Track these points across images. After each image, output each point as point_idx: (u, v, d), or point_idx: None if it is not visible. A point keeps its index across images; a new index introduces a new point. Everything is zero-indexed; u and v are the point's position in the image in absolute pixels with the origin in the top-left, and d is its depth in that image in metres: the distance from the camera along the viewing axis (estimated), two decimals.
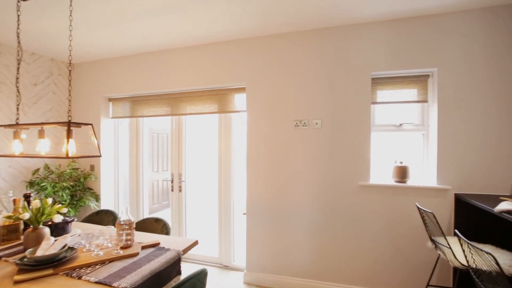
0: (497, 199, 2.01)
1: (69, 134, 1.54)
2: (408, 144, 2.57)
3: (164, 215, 3.75)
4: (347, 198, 2.53)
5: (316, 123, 2.60)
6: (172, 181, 3.42)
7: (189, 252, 2.53)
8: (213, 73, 2.96)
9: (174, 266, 1.62)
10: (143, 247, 1.70)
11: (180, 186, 3.39)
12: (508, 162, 2.19)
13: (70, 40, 1.87)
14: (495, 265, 1.24)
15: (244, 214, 2.87)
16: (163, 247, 1.72)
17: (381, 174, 2.61)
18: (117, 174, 3.66)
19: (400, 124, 2.52)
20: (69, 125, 1.56)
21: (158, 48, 3.12)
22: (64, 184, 3.18)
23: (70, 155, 1.53)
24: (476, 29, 2.25)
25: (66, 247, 1.53)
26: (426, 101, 2.42)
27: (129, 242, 1.66)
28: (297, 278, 2.68)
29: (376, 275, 2.48)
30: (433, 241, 2.00)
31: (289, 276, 2.70)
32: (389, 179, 2.53)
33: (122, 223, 1.65)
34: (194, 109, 3.12)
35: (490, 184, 2.23)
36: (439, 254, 1.96)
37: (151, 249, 1.69)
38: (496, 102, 2.21)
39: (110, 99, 3.55)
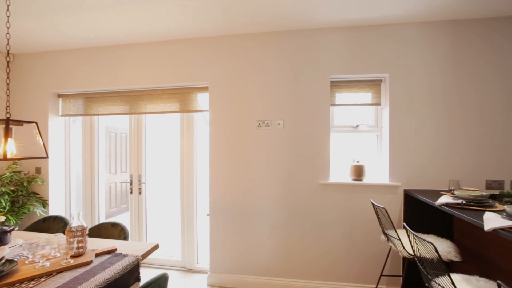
0: (438, 194, 2.23)
1: (7, 133, 1.38)
2: (364, 144, 2.74)
3: (123, 219, 3.54)
4: (308, 196, 2.63)
5: (279, 124, 2.65)
6: (131, 183, 3.24)
7: (150, 256, 2.43)
8: (175, 71, 2.87)
9: (132, 273, 1.54)
10: (98, 255, 1.59)
11: (139, 188, 3.23)
12: (447, 161, 2.45)
13: (8, 28, 1.68)
14: (435, 253, 1.38)
15: (208, 215, 2.83)
16: (120, 253, 1.63)
17: (339, 173, 2.75)
18: (69, 176, 3.37)
19: (357, 126, 2.68)
20: (8, 123, 1.40)
21: (116, 42, 2.93)
22: (3, 189, 2.85)
23: (8, 156, 1.38)
24: (422, 40, 2.48)
25: (3, 260, 1.37)
26: (379, 104, 2.61)
27: (81, 250, 1.54)
28: (261, 277, 2.71)
29: (335, 269, 2.61)
30: (385, 234, 2.15)
31: (254, 276, 2.72)
32: (347, 178, 2.67)
33: (73, 229, 1.53)
34: (154, 108, 3.00)
35: (433, 180, 2.47)
36: (391, 246, 2.12)
37: (107, 256, 1.58)
38: (438, 106, 2.46)
39: (59, 95, 3.25)
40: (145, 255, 1.67)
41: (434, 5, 2.20)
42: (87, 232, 1.59)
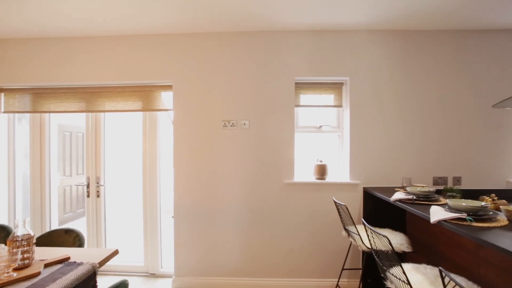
0: (393, 190, 2.40)
1: None
2: (327, 144, 2.85)
3: (79, 225, 3.30)
4: (274, 196, 2.67)
5: (244, 124, 2.66)
6: (88, 186, 3.03)
7: (110, 263, 2.28)
8: (137, 68, 2.74)
9: (87, 282, 1.43)
10: (47, 265, 1.45)
11: (98, 191, 3.03)
12: (401, 159, 2.65)
13: None
14: (389, 245, 1.48)
15: (173, 217, 2.74)
16: (74, 262, 1.51)
17: (304, 172, 2.83)
18: (13, 180, 3.05)
19: (320, 126, 2.78)
20: None
21: (72, 34, 2.72)
22: None
23: None
24: (378, 47, 2.65)
25: None
26: (341, 106, 2.73)
27: (26, 262, 1.40)
28: (228, 278, 2.69)
29: (300, 265, 2.68)
30: (346, 230, 2.26)
31: (221, 277, 2.70)
32: (311, 177, 2.76)
33: (17, 239, 1.38)
34: (114, 106, 2.83)
35: (389, 177, 2.65)
36: (351, 241, 2.23)
37: (58, 266, 1.46)
38: (393, 109, 2.64)
39: (1, 89, 2.93)
40: (103, 262, 1.56)
41: (388, 16, 2.36)
42: (34, 241, 1.45)
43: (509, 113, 2.65)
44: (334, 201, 2.25)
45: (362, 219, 1.77)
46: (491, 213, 1.61)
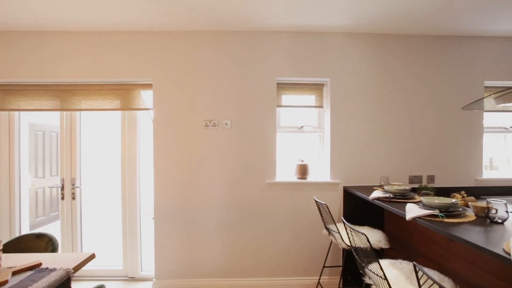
0: (372, 189, 2.47)
1: None
2: (308, 144, 2.89)
3: (53, 229, 3.15)
4: (255, 195, 2.67)
5: (226, 124, 2.65)
6: (62, 188, 2.90)
7: (87, 268, 2.20)
8: (115, 65, 2.65)
9: None
10: (15, 272, 1.37)
11: (73, 193, 2.90)
12: (379, 159, 2.73)
13: None
14: (367, 243, 1.53)
15: (154, 219, 2.68)
16: (46, 268, 1.44)
17: (285, 172, 2.86)
18: None
19: (301, 126, 2.82)
20: None
21: (42, 28, 2.59)
22: None
23: None
24: (357, 49, 2.72)
25: None
26: (321, 107, 2.78)
27: None
28: (210, 279, 2.67)
29: (283, 264, 2.70)
30: (327, 228, 2.31)
31: (202, 278, 2.67)
32: (293, 176, 2.79)
33: None
34: (91, 104, 2.73)
35: (368, 176, 2.72)
36: (332, 239, 2.28)
37: (28, 273, 1.38)
38: (371, 110, 2.72)
39: None
40: (78, 267, 1.50)
41: (365, 20, 2.43)
42: (0, 247, 1.37)
43: (477, 115, 2.81)
44: (315, 200, 2.29)
45: (342, 218, 1.81)
46: (461, 209, 1.70)
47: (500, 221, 1.52)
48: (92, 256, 1.64)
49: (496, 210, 1.52)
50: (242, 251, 2.68)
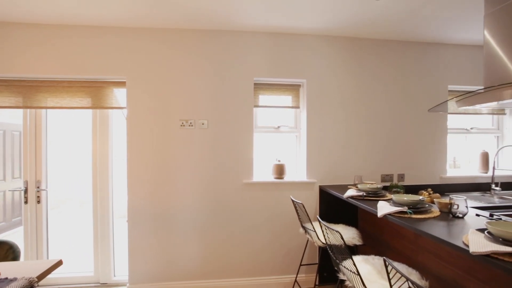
0: (346, 188, 2.55)
1: None
2: (285, 144, 2.93)
3: (16, 235, 2.94)
4: (232, 196, 2.66)
5: (203, 124, 2.62)
6: (26, 191, 2.72)
7: (54, 276, 2.09)
8: (86, 62, 2.53)
9: None
10: None
11: (38, 197, 2.73)
12: (353, 158, 2.82)
13: None
14: (341, 240, 1.57)
15: (127, 221, 2.58)
16: (5, 278, 1.34)
17: (263, 172, 2.87)
18: None
19: (278, 127, 2.85)
20: None
21: (5, 18, 2.41)
22: None
23: None
24: (333, 51, 2.79)
25: None
26: (298, 107, 2.83)
27: None
28: (186, 281, 2.62)
29: (260, 263, 2.71)
30: (303, 227, 2.34)
31: (178, 281, 2.61)
32: (270, 176, 2.81)
33: None
34: (59, 102, 2.58)
35: (343, 176, 2.80)
36: (308, 238, 2.32)
37: None
38: (346, 111, 2.81)
39: None
40: (43, 276, 1.41)
41: (340, 23, 2.50)
42: None
43: (442, 117, 2.99)
44: (292, 200, 2.32)
45: (317, 216, 1.85)
46: (427, 205, 1.80)
47: (461, 215, 1.63)
48: (59, 263, 1.54)
49: (458, 205, 1.62)
50: (219, 251, 2.66)
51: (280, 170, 2.73)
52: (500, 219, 1.63)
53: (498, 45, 1.63)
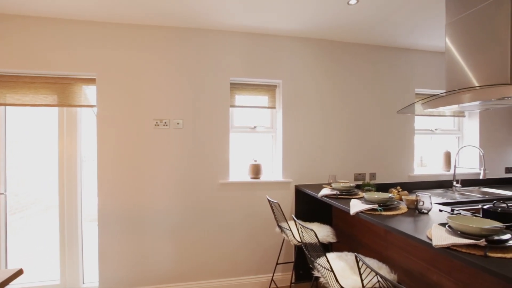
0: (321, 187, 2.61)
1: None
2: (261, 144, 2.94)
3: None
4: (208, 196, 2.63)
5: (178, 123, 2.56)
6: None
7: (13, 287, 1.93)
8: (51, 56, 2.38)
9: None
10: None
11: None
12: (328, 158, 2.90)
13: None
14: (315, 238, 1.60)
15: (98, 224, 2.46)
16: None
17: (239, 172, 2.86)
18: None
19: (254, 127, 2.86)
20: None
21: None
22: None
23: None
24: (308, 53, 2.84)
25: None
26: (274, 107, 2.85)
27: None
28: (161, 285, 2.55)
29: (237, 264, 2.70)
30: (279, 226, 2.37)
31: (153, 285, 2.53)
32: (246, 176, 2.81)
33: None
34: (20, 99, 2.41)
35: (318, 175, 2.87)
36: (284, 237, 2.34)
37: None
38: (321, 111, 2.88)
39: None
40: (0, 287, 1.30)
41: (315, 26, 2.56)
42: None
43: (410, 118, 3.15)
44: (268, 199, 2.34)
45: (292, 215, 1.88)
46: (396, 202, 1.89)
47: (426, 211, 1.73)
48: (19, 272, 1.44)
49: (423, 202, 1.72)
50: (195, 253, 2.62)
51: (256, 170, 2.74)
52: (460, 213, 1.75)
53: (458, 52, 1.75)
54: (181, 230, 2.59)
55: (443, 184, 3.24)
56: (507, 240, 1.16)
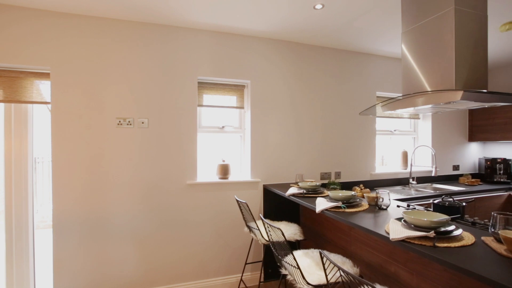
0: (289, 186, 2.66)
1: None
2: (230, 144, 2.92)
3: None
4: (175, 198, 2.56)
5: (143, 122, 2.46)
6: None
7: None
8: None
9: None
10: None
11: None
12: (295, 157, 2.96)
13: None
14: (282, 236, 1.63)
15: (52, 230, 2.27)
16: None
17: (208, 172, 2.82)
18: None
19: (223, 127, 2.83)
20: None
21: None
22: None
23: None
24: (276, 55, 2.89)
25: None
26: (243, 108, 2.86)
27: None
28: None
29: (205, 266, 2.65)
30: (248, 226, 2.37)
31: None
32: (214, 177, 2.78)
33: None
34: None
35: (286, 175, 2.92)
36: (252, 236, 2.35)
37: None
38: (289, 112, 2.93)
39: None
40: None
41: (284, 28, 2.60)
42: None
43: (371, 120, 3.34)
44: (236, 199, 2.33)
45: (260, 215, 1.89)
46: (358, 200, 1.99)
47: (385, 207, 1.84)
48: None
49: (383, 198, 1.83)
50: (161, 257, 2.53)
51: (224, 170, 2.72)
52: (415, 208, 1.89)
53: (413, 59, 1.88)
54: (146, 233, 2.48)
55: (401, 181, 3.48)
56: (452, 231, 1.27)
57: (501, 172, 3.63)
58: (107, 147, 2.38)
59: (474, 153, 4.04)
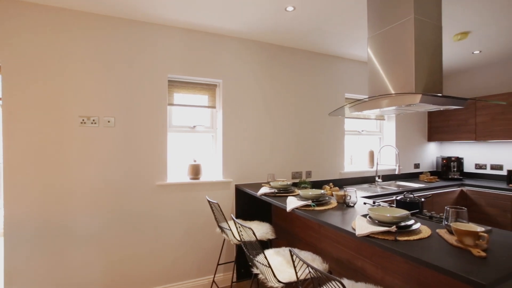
0: (260, 186, 2.68)
1: None
2: (202, 144, 2.88)
3: None
4: (144, 199, 2.46)
5: (109, 121, 2.33)
6: None
7: None
8: None
9: None
10: None
11: None
12: (267, 157, 2.98)
13: None
14: (254, 236, 1.63)
15: (4, 237, 2.07)
16: None
17: (179, 173, 2.75)
18: None
19: (194, 126, 2.78)
20: None
21: None
22: None
23: None
24: (249, 54, 2.89)
25: None
26: (214, 107, 2.82)
27: None
28: None
29: (176, 268, 2.58)
30: (220, 226, 2.34)
31: None
32: (186, 177, 2.72)
33: None
34: None
35: (258, 174, 2.93)
36: (224, 237, 2.33)
37: None
38: (261, 112, 2.95)
39: None
40: None
41: (257, 29, 2.62)
42: None
43: (340, 121, 3.46)
44: (208, 200, 2.29)
45: (232, 215, 1.88)
46: (327, 198, 2.05)
47: (352, 205, 1.91)
48: None
49: (350, 196, 1.90)
50: (129, 262, 2.42)
51: (196, 170, 2.67)
52: (380, 205, 1.99)
53: (378, 63, 1.98)
54: (112, 237, 2.36)
55: (368, 180, 3.65)
56: (411, 225, 1.35)
57: (455, 169, 3.95)
58: (68, 147, 2.22)
59: (433, 152, 4.36)
